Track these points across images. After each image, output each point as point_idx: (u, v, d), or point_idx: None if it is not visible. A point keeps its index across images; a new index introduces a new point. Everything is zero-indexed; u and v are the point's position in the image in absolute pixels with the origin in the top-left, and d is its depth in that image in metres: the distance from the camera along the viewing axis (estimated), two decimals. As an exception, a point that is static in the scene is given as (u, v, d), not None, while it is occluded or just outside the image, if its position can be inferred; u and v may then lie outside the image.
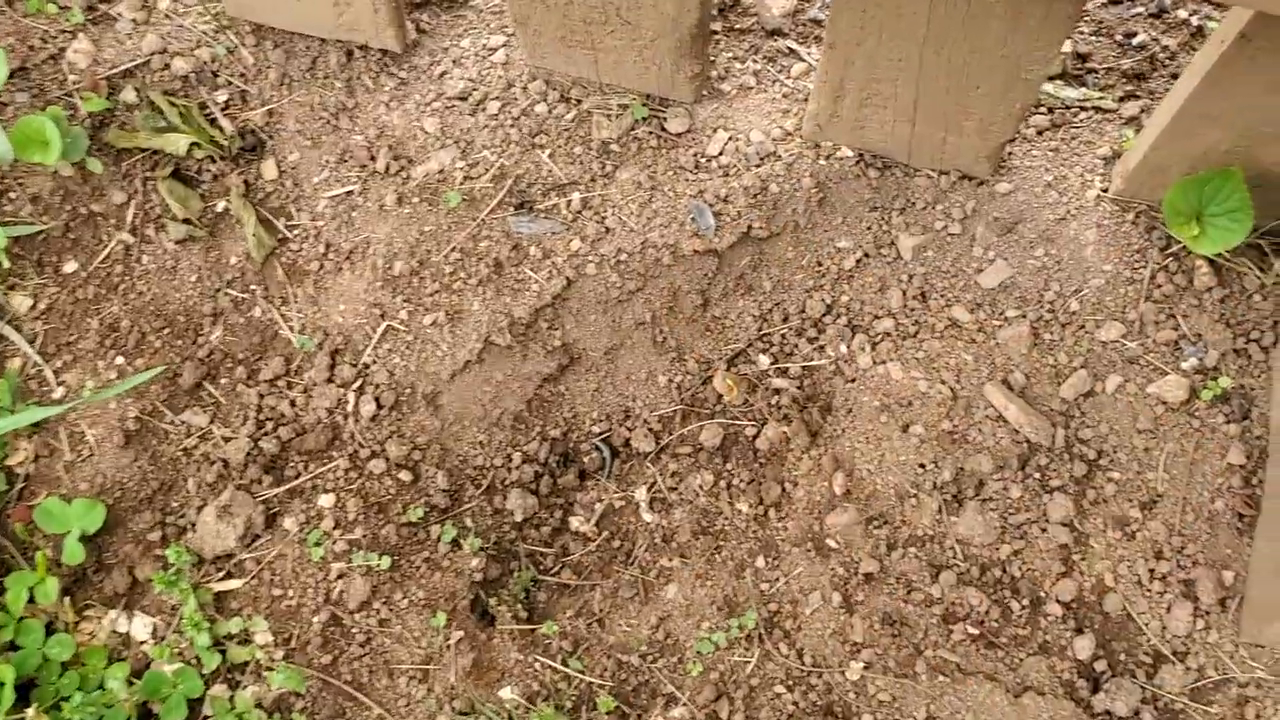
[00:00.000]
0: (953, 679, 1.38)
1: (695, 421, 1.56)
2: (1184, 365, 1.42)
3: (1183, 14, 1.60)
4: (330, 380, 1.52)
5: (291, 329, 1.55)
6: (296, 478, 1.48)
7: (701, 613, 1.47)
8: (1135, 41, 1.59)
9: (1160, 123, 1.31)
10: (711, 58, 1.59)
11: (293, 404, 1.51)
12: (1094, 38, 1.62)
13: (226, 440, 1.49)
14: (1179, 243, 1.44)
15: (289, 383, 1.53)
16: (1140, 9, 1.62)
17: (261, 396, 1.52)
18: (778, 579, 1.46)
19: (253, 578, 1.45)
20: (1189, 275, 1.44)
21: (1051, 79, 1.57)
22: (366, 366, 1.52)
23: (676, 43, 1.41)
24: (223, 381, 1.54)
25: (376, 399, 1.51)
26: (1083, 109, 1.55)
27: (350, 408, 1.50)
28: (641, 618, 1.49)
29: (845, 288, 1.54)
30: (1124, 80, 1.57)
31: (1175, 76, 1.57)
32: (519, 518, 1.51)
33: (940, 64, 1.28)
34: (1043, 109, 1.55)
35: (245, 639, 1.46)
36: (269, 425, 1.50)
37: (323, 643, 1.45)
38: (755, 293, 1.56)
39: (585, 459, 1.57)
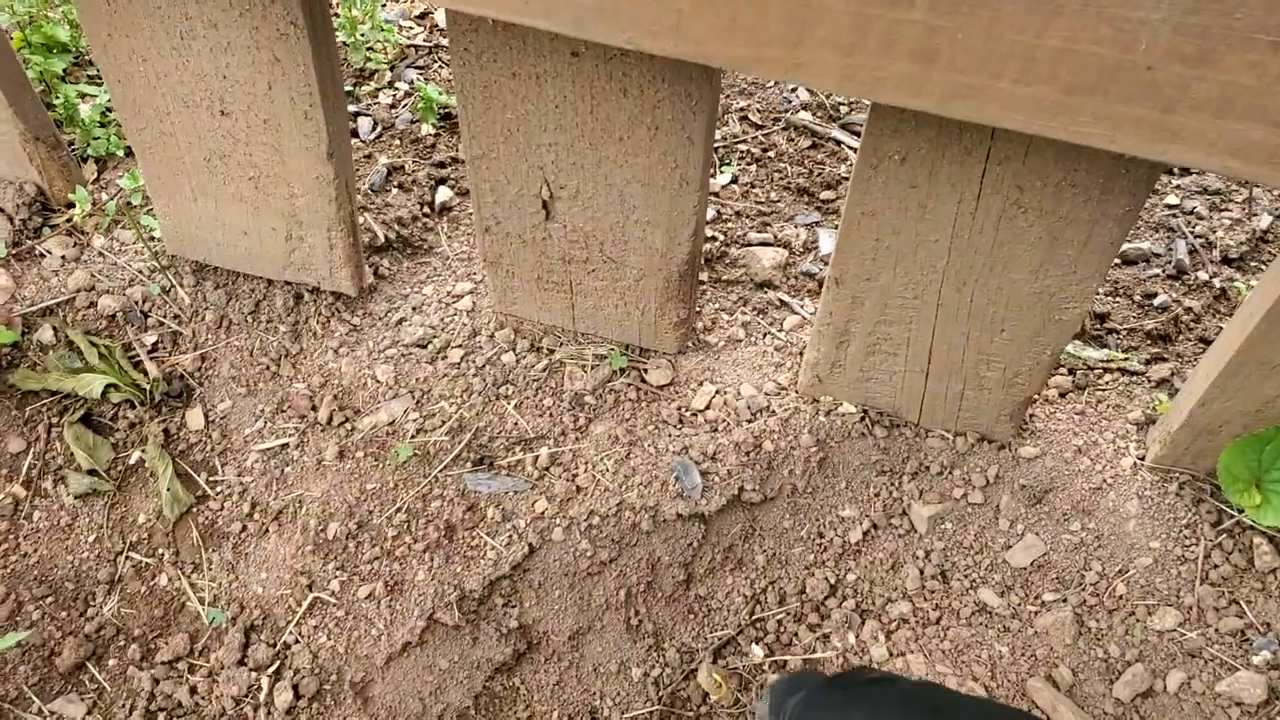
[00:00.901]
0: None
1: (677, 724, 1.33)
2: (1255, 660, 1.24)
3: (1203, 275, 1.54)
4: (242, 663, 1.29)
5: (201, 600, 1.34)
6: (185, 787, 1.23)
7: None
8: (1156, 302, 1.51)
9: (1207, 376, 1.20)
10: (698, 308, 1.49)
11: (193, 691, 1.28)
12: (1111, 297, 1.54)
13: (103, 737, 1.24)
14: (1231, 516, 1.30)
15: (191, 665, 1.30)
16: (1157, 270, 1.55)
17: (156, 681, 1.28)
18: None
19: None
20: (1247, 554, 1.29)
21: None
22: (287, 646, 1.30)
23: (664, 283, 1.31)
24: (111, 663, 1.31)
25: (295, 687, 1.27)
26: (1107, 370, 1.44)
27: (263, 697, 1.27)
28: None
29: (852, 564, 1.37)
30: (1148, 341, 1.48)
31: (1204, 340, 1.48)
32: (460, 844, 1.25)
33: (961, 303, 1.17)
34: (1063, 369, 1.45)
35: None
36: (160, 718, 1.26)
37: None
38: (747, 568, 1.38)
39: (544, 769, 1.33)
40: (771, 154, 1.72)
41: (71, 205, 1.57)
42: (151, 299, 1.51)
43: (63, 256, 1.53)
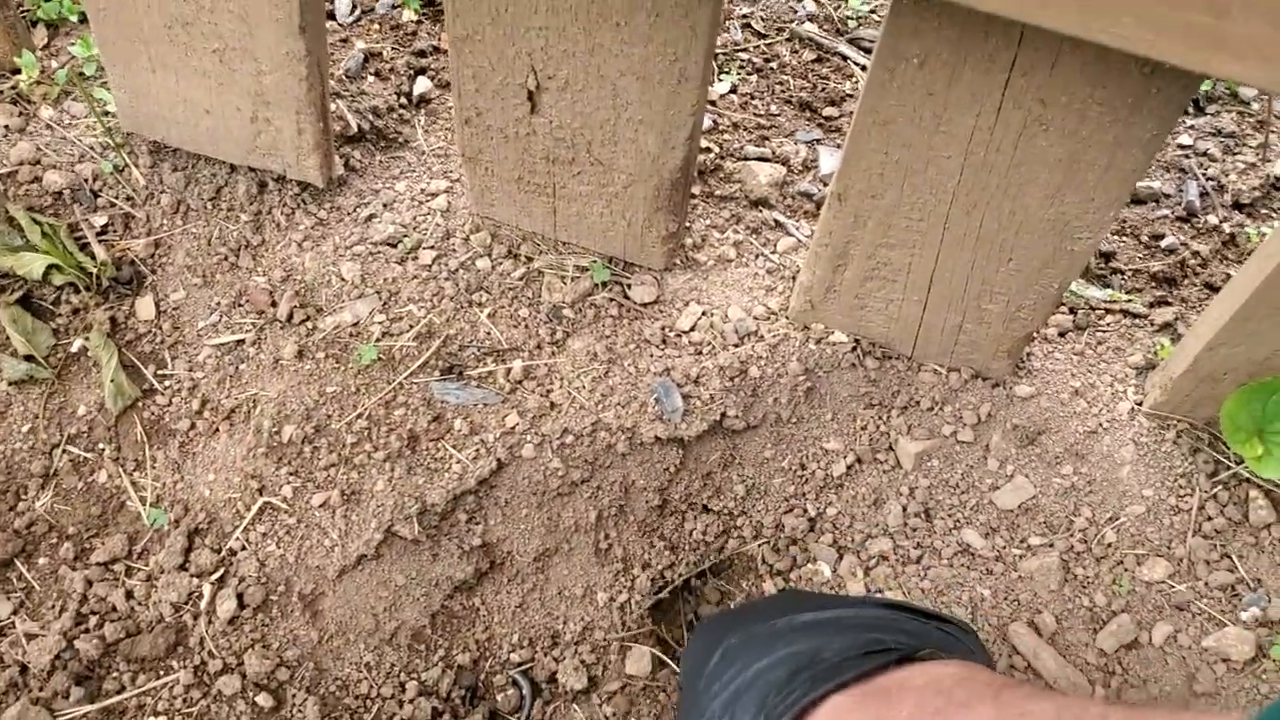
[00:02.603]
0: None
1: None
2: (1244, 615, 1.22)
3: (1213, 219, 1.50)
4: (183, 568, 1.24)
5: (143, 500, 1.29)
6: (119, 693, 1.18)
7: None
8: (1164, 244, 1.48)
9: (1218, 319, 1.16)
10: (688, 223, 1.44)
11: (129, 595, 1.23)
12: (1117, 237, 1.50)
13: (30, 638, 1.19)
14: (1228, 468, 1.27)
15: (129, 568, 1.25)
16: (1166, 211, 1.52)
17: (90, 583, 1.23)
18: None
19: (38, 830, 1.12)
20: (1242, 508, 1.27)
21: (1073, 276, 1.44)
22: (232, 553, 1.25)
23: (654, 190, 1.25)
24: (41, 562, 1.25)
25: (240, 596, 1.23)
26: (1109, 311, 1.41)
27: (204, 604, 1.22)
28: None
29: (833, 498, 1.34)
30: (1153, 284, 1.44)
31: (1210, 286, 1.45)
32: (408, 766, 1.22)
33: (969, 227, 1.12)
34: (1064, 308, 1.41)
35: None
36: (92, 621, 1.21)
37: None
38: (724, 497, 1.35)
39: (498, 696, 1.29)
40: (774, 65, 1.66)
41: (17, 71, 1.48)
42: (103, 178, 1.43)
43: (5, 126, 1.45)
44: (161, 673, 1.19)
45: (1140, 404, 1.32)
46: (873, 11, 1.78)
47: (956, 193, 1.09)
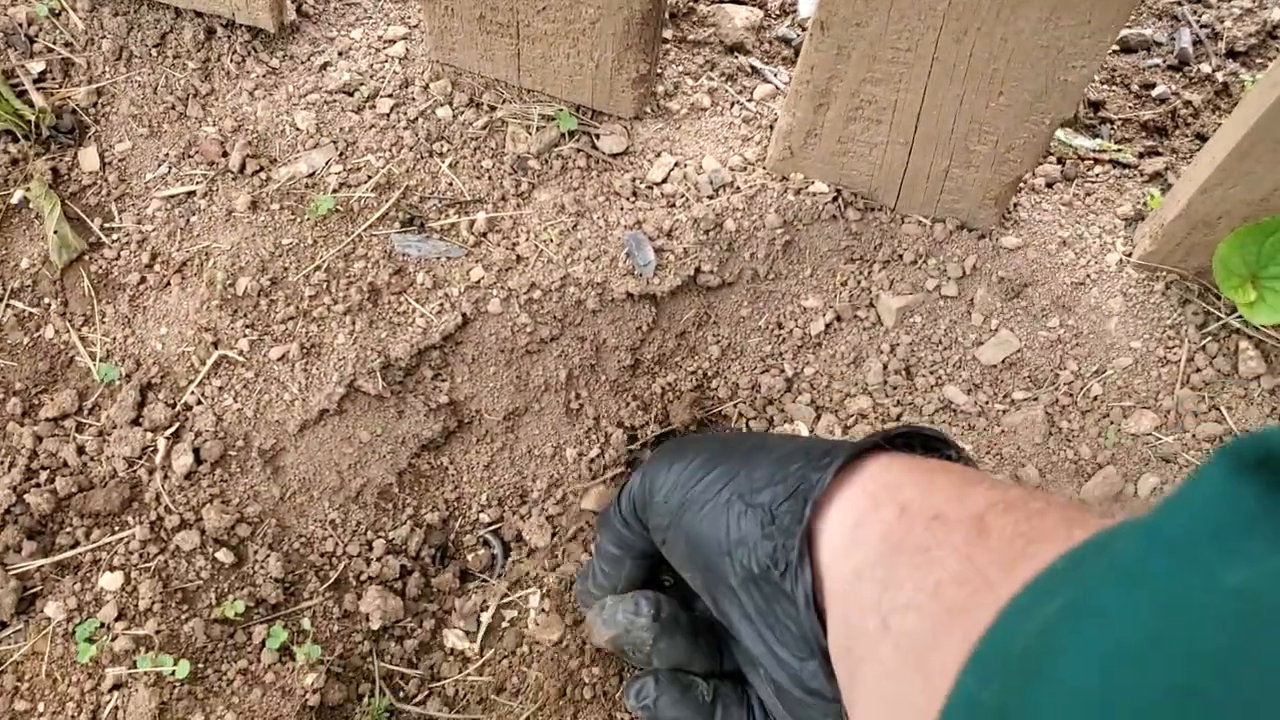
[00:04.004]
0: None
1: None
2: (1230, 467, 1.22)
3: (1206, 68, 1.46)
4: (136, 422, 1.21)
5: (92, 355, 1.25)
6: (72, 547, 1.15)
7: (612, 763, 1.17)
8: (1154, 93, 1.44)
9: (1213, 159, 1.13)
10: (659, 70, 1.39)
11: (81, 450, 1.19)
12: (1107, 85, 1.46)
13: (-21, 493, 1.16)
14: (1218, 319, 1.26)
15: (80, 424, 1.22)
16: (1158, 60, 1.48)
17: (39, 439, 1.20)
18: None
19: (-7, 687, 1.10)
20: (1232, 359, 1.25)
21: (1061, 125, 1.40)
22: (188, 407, 1.22)
23: (624, 25, 1.20)
24: (-12, 418, 1.22)
25: (196, 451, 1.20)
26: (1098, 161, 1.38)
27: (159, 459, 1.19)
28: (531, 768, 1.18)
29: (810, 357, 1.31)
30: (1143, 134, 1.41)
31: (1201, 136, 1.42)
32: (376, 625, 1.20)
33: (959, 57, 1.08)
34: (1052, 158, 1.38)
35: (-27, 777, 1.10)
36: (43, 476, 1.18)
37: (83, 786, 1.10)
38: (698, 356, 1.32)
39: (469, 555, 1.28)
40: (750, -94, 1.60)
41: (-57, -92, 1.41)
42: (38, 22, 1.37)
43: (-67, -32, 1.38)
44: (117, 528, 1.17)
45: (1129, 255, 1.30)
46: None
47: (946, 17, 1.05)
